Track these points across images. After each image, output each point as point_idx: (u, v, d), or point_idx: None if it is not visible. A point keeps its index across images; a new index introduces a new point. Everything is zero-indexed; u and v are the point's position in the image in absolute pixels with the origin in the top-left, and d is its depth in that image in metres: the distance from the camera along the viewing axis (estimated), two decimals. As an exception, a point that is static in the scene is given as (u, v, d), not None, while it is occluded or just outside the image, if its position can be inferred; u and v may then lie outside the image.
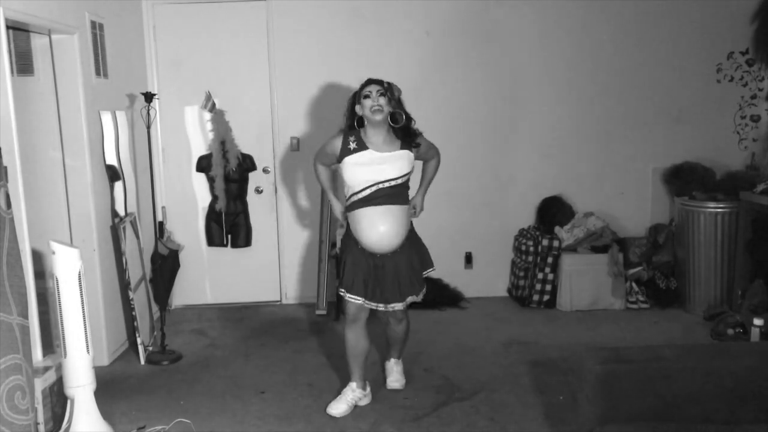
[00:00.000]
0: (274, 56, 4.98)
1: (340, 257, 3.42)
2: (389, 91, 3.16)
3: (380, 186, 3.15)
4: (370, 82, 3.19)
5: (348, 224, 3.30)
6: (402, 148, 3.21)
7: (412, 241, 3.32)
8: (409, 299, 3.29)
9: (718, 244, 4.64)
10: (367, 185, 3.15)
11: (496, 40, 5.03)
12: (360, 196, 3.18)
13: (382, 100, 3.13)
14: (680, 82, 5.10)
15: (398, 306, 3.26)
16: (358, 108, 3.20)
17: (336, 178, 3.55)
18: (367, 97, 3.14)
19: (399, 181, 3.19)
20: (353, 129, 3.25)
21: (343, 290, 3.24)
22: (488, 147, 5.16)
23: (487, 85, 5.08)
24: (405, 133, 3.23)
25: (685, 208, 4.78)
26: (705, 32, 5.03)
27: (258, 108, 5.05)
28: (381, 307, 3.24)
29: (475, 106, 5.11)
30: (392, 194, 3.17)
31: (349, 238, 3.29)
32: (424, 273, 3.38)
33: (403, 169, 3.19)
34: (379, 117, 3.12)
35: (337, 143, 3.23)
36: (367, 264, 3.22)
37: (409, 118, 3.24)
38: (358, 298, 3.21)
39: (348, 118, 3.27)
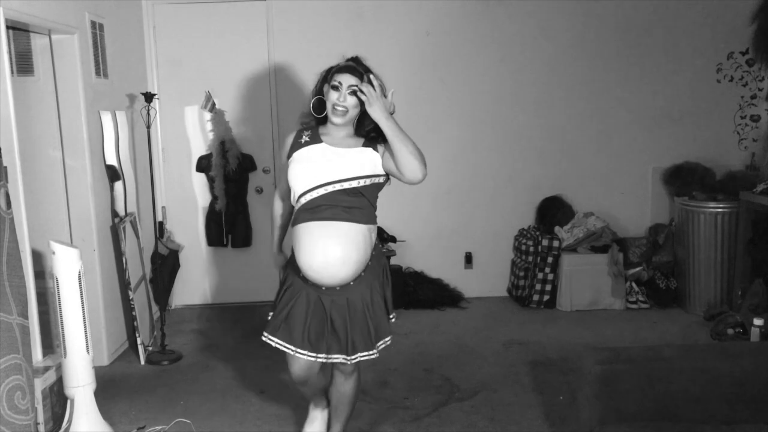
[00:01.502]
0: (274, 56, 4.98)
1: (279, 288, 2.60)
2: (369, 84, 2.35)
3: (330, 189, 2.35)
4: (345, 69, 2.40)
5: (293, 255, 2.50)
6: (366, 145, 2.44)
7: (374, 272, 2.49)
8: (361, 357, 2.44)
9: (718, 244, 4.64)
10: (313, 186, 2.36)
11: (497, 39, 5.03)
12: (304, 201, 2.39)
13: (351, 101, 2.36)
14: (680, 82, 5.10)
15: (342, 359, 2.46)
16: (326, 90, 2.44)
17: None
18: (335, 88, 2.38)
19: (356, 184, 2.36)
20: (311, 118, 2.53)
21: (266, 334, 2.48)
22: (488, 147, 5.16)
23: (487, 85, 5.08)
24: (374, 133, 2.42)
25: (685, 208, 4.78)
26: (705, 32, 5.04)
27: (258, 108, 5.05)
28: (321, 358, 2.45)
29: (475, 106, 5.11)
30: (347, 205, 2.35)
31: (291, 265, 2.53)
32: (390, 317, 2.59)
33: (363, 168, 2.38)
34: (339, 120, 2.39)
35: (289, 140, 2.53)
36: (306, 299, 2.44)
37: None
38: (287, 345, 2.45)
39: (308, 105, 2.51)
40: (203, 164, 5.02)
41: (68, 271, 2.92)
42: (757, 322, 3.88)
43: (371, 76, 2.38)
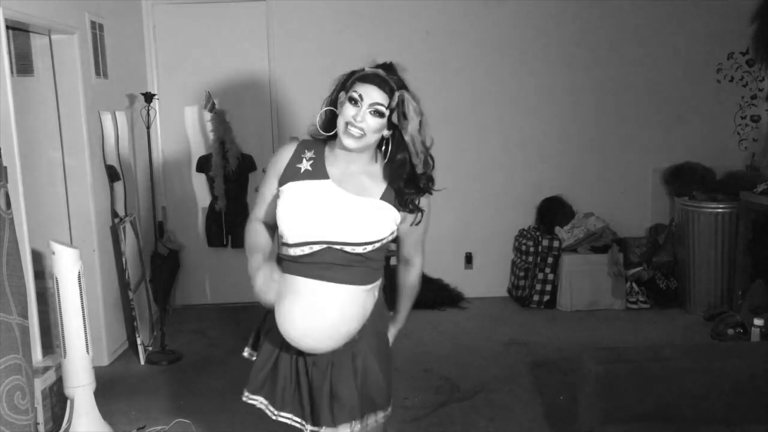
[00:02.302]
0: (274, 56, 4.98)
1: (260, 324, 2.12)
2: (398, 109, 1.79)
3: (329, 247, 1.80)
4: (372, 78, 1.81)
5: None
6: (386, 198, 1.83)
7: (373, 327, 1.94)
8: (345, 430, 1.86)
9: (718, 244, 4.63)
10: (306, 241, 1.80)
11: (497, 39, 5.03)
12: (291, 252, 1.83)
13: (373, 123, 1.77)
14: (680, 82, 5.10)
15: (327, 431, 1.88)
16: (339, 101, 1.84)
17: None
18: (353, 101, 1.77)
19: (361, 249, 1.79)
20: (319, 135, 1.90)
21: (246, 393, 2.04)
22: (488, 147, 5.16)
23: (487, 85, 5.08)
24: (407, 179, 1.83)
25: (685, 208, 4.78)
26: (705, 32, 5.03)
27: (258, 108, 5.05)
28: (309, 427, 1.92)
29: (475, 106, 5.11)
30: (348, 265, 1.81)
31: (270, 317, 1.96)
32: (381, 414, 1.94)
33: (376, 232, 1.80)
34: (351, 143, 1.78)
35: (284, 157, 1.91)
36: (288, 356, 1.94)
37: (427, 174, 1.86)
38: (270, 408, 1.98)
39: (321, 115, 1.89)
40: (203, 164, 5.01)
41: (68, 271, 2.92)
42: (758, 322, 3.88)
43: (405, 96, 1.80)
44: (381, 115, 1.78)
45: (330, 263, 1.80)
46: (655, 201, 5.20)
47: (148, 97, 4.22)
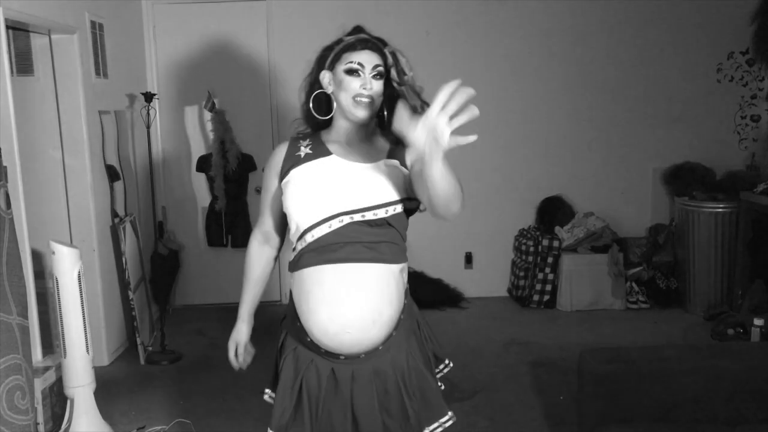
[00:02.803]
0: (274, 56, 4.98)
1: (276, 359, 1.93)
2: (395, 66, 1.73)
3: (348, 221, 1.67)
4: (362, 44, 1.74)
5: (290, 297, 1.85)
6: (392, 155, 1.75)
7: (408, 327, 1.82)
8: None
9: (718, 244, 4.63)
10: (325, 217, 1.68)
11: (496, 39, 5.03)
12: (311, 240, 1.70)
13: (378, 86, 1.71)
14: (680, 82, 5.10)
15: None
16: (326, 80, 1.77)
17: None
18: (353, 73, 1.71)
19: (383, 213, 1.68)
20: (314, 124, 1.83)
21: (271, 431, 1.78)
22: (488, 147, 5.15)
23: (487, 85, 5.08)
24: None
25: (685, 208, 4.78)
26: (705, 32, 5.03)
27: (258, 108, 5.05)
28: None
29: (475, 106, 5.09)
30: (371, 240, 1.68)
31: (291, 323, 1.84)
32: (439, 374, 1.92)
33: (393, 190, 1.69)
34: (363, 114, 1.72)
35: (279, 154, 1.84)
36: (317, 376, 1.74)
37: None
38: None
39: (306, 103, 1.81)
40: (203, 164, 5.01)
41: (68, 271, 2.92)
42: (758, 322, 3.88)
43: (395, 51, 1.75)
44: (382, 76, 1.73)
45: (355, 242, 1.66)
46: (655, 201, 5.20)
47: (148, 97, 4.22)
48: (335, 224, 1.67)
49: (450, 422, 1.82)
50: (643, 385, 2.30)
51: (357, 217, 1.67)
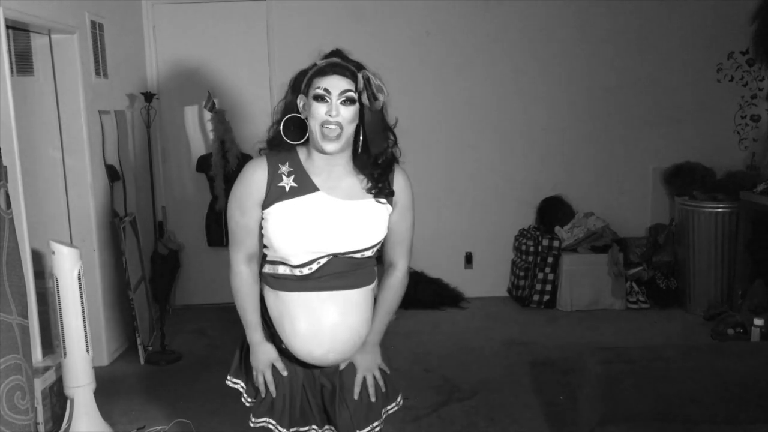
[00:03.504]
0: (274, 56, 4.98)
1: (244, 350, 2.04)
2: (367, 90, 1.67)
3: (335, 257, 1.76)
4: (332, 69, 1.71)
5: (266, 315, 1.89)
6: (373, 193, 1.78)
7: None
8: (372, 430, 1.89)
9: (718, 244, 4.63)
10: (313, 258, 1.75)
11: (496, 39, 5.03)
12: (297, 273, 1.77)
13: (347, 113, 1.67)
14: (680, 82, 5.10)
15: None
16: (302, 104, 1.74)
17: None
18: (321, 99, 1.68)
19: (369, 253, 1.80)
20: (280, 147, 1.77)
21: (254, 419, 1.92)
22: (488, 147, 5.16)
23: (488, 85, 5.08)
24: (382, 168, 1.77)
25: (685, 208, 4.78)
26: (705, 32, 5.03)
27: (258, 108, 5.05)
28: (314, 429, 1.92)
29: (475, 106, 5.11)
30: (352, 270, 1.79)
31: (265, 328, 1.91)
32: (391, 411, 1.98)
33: (378, 234, 1.79)
34: (332, 147, 1.69)
35: (259, 179, 1.75)
36: (294, 377, 1.89)
37: (388, 148, 1.78)
38: (280, 427, 1.88)
39: (276, 124, 1.77)
40: (203, 164, 5.01)
41: (68, 271, 2.92)
42: (758, 322, 3.88)
43: (368, 74, 1.69)
44: (353, 102, 1.68)
45: (340, 272, 1.77)
46: (655, 201, 5.20)
47: (148, 97, 4.22)
48: (322, 261, 1.76)
49: (401, 403, 2.00)
50: (643, 385, 2.30)
51: (347, 257, 1.77)
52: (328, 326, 1.77)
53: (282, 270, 1.79)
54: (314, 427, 1.90)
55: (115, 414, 3.36)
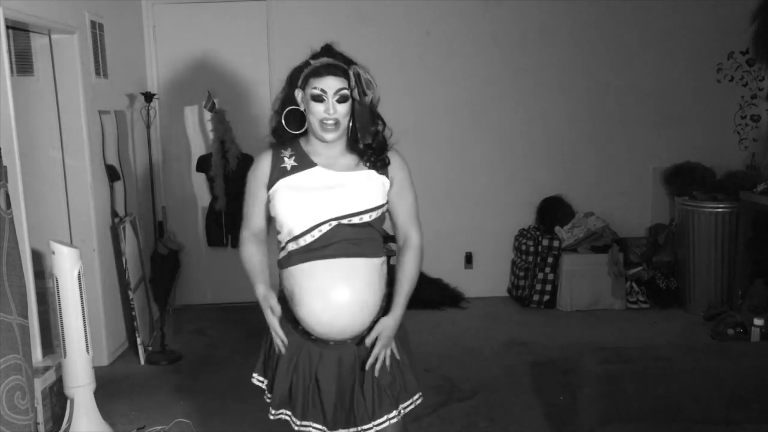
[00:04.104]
0: (274, 56, 4.98)
1: (267, 348, 2.08)
2: (358, 87, 1.88)
3: (338, 224, 1.90)
4: (326, 69, 1.88)
5: (280, 292, 2.03)
6: (368, 166, 1.96)
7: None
8: (382, 423, 1.94)
9: (718, 244, 4.63)
10: (316, 224, 1.89)
11: (496, 39, 5.03)
12: (303, 243, 1.91)
13: (342, 109, 1.87)
14: (680, 82, 5.10)
15: (366, 427, 1.94)
16: (299, 98, 1.92)
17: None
18: (318, 99, 1.86)
19: (368, 217, 1.92)
20: (283, 137, 1.98)
21: (273, 411, 2.00)
22: (488, 147, 5.16)
23: (487, 85, 5.08)
24: (375, 150, 1.95)
25: (685, 208, 4.78)
26: (705, 32, 5.03)
27: (258, 108, 5.05)
28: None
29: (475, 106, 5.11)
30: (357, 240, 1.91)
31: (283, 315, 1.98)
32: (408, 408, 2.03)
33: (375, 198, 1.93)
34: (331, 137, 1.89)
35: (264, 164, 1.98)
36: (309, 360, 1.95)
37: (375, 131, 1.95)
38: (295, 419, 1.96)
39: (276, 115, 1.97)
40: (203, 164, 5.01)
41: (68, 271, 2.92)
42: (758, 322, 3.88)
43: (358, 71, 1.88)
44: (347, 98, 1.88)
45: (341, 240, 1.89)
46: (655, 201, 5.20)
47: (148, 97, 4.22)
48: (324, 228, 1.90)
49: (420, 400, 2.05)
50: (643, 385, 2.30)
51: (344, 221, 1.90)
52: (331, 287, 1.87)
53: (291, 247, 1.94)
54: (324, 428, 1.95)
55: (115, 414, 3.35)
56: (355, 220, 1.90)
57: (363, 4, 4.95)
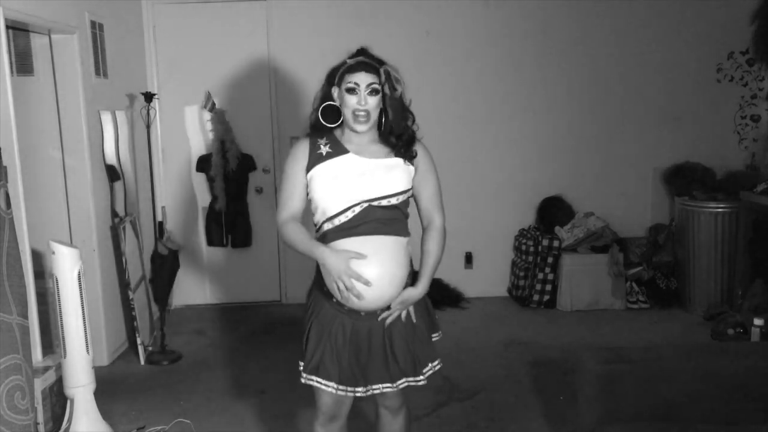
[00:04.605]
0: (274, 56, 4.98)
1: (303, 321, 2.25)
2: (388, 82, 2.12)
3: (369, 205, 2.11)
4: (359, 66, 2.12)
5: (317, 270, 2.18)
6: (397, 154, 2.18)
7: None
8: (403, 383, 2.18)
9: (718, 244, 4.63)
10: (350, 205, 2.10)
11: (496, 40, 5.03)
12: (337, 222, 2.11)
13: (372, 101, 2.09)
14: (680, 82, 5.10)
15: (387, 388, 2.17)
16: (336, 94, 2.16)
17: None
18: (352, 92, 2.09)
19: (395, 200, 2.13)
20: (321, 130, 2.19)
21: (306, 375, 2.18)
22: (488, 147, 5.16)
23: (487, 85, 5.08)
24: (405, 141, 2.20)
25: (685, 208, 4.78)
26: (705, 32, 5.03)
27: (258, 108, 5.05)
28: (360, 391, 2.17)
29: (475, 106, 5.11)
30: (386, 220, 2.12)
31: (318, 290, 2.20)
32: (433, 337, 2.31)
33: (401, 184, 2.15)
34: (363, 128, 2.11)
35: (302, 150, 2.17)
36: (342, 330, 2.15)
37: (407, 124, 2.21)
38: (330, 383, 2.15)
39: (315, 111, 2.19)
40: (203, 164, 5.01)
41: (68, 271, 2.92)
42: (758, 322, 3.88)
43: (389, 69, 2.13)
44: (377, 92, 2.10)
45: (371, 220, 2.10)
46: (655, 201, 5.20)
47: (148, 97, 4.23)
48: (357, 209, 2.11)
49: (439, 366, 2.26)
50: (643, 385, 2.30)
51: (374, 203, 2.11)
52: (365, 262, 2.03)
53: (326, 227, 2.13)
54: (359, 389, 2.16)
55: (115, 414, 3.36)
56: (384, 202, 2.11)
57: (363, 4, 4.95)
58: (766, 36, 4.74)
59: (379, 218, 2.11)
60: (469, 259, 5.28)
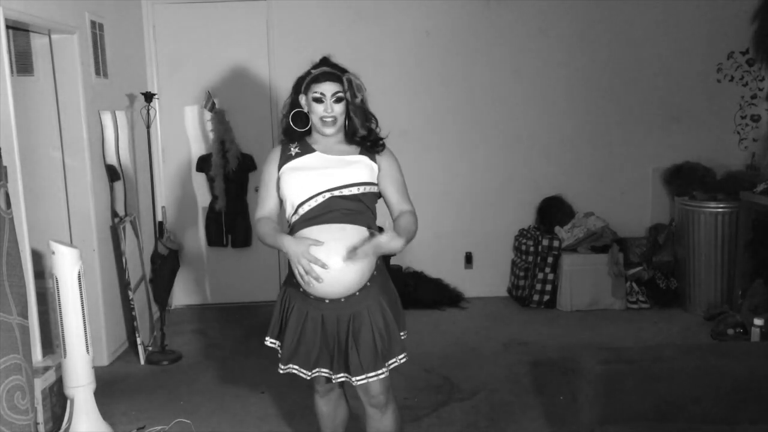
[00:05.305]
0: (274, 56, 4.98)
1: (273, 313, 2.42)
2: (350, 90, 2.27)
3: (332, 195, 2.24)
4: (324, 76, 2.27)
5: (288, 266, 2.30)
6: (362, 153, 2.33)
7: (381, 284, 2.33)
8: (372, 377, 2.25)
9: (718, 244, 4.63)
10: (313, 194, 2.25)
11: (496, 40, 5.03)
12: (302, 212, 2.27)
13: (338, 108, 2.26)
14: (680, 82, 5.09)
15: (343, 378, 2.30)
16: (303, 101, 2.32)
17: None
18: (318, 101, 2.25)
19: (355, 190, 2.26)
20: (292, 135, 2.37)
21: (282, 366, 2.34)
22: (488, 147, 5.16)
23: (487, 85, 5.08)
24: (370, 142, 2.35)
25: (685, 208, 4.78)
26: (705, 32, 5.03)
27: (258, 108, 5.05)
28: (341, 377, 2.30)
29: (475, 106, 5.10)
30: (349, 212, 2.24)
31: (290, 281, 2.34)
32: (401, 334, 2.36)
33: (363, 176, 2.28)
34: (330, 131, 2.28)
35: (275, 154, 2.37)
36: (312, 320, 2.28)
37: (370, 126, 2.34)
38: (303, 370, 2.31)
39: (285, 117, 2.37)
40: (203, 164, 5.01)
41: (68, 271, 2.92)
42: (758, 322, 3.88)
43: (350, 77, 2.28)
44: (342, 99, 2.28)
45: (334, 210, 2.24)
46: (655, 201, 5.20)
47: (148, 97, 4.22)
48: (320, 199, 2.25)
49: (404, 359, 2.33)
50: (643, 385, 2.30)
51: (336, 193, 2.25)
52: (324, 245, 2.12)
53: (294, 219, 2.29)
54: (330, 372, 2.30)
55: (115, 414, 3.36)
56: (345, 192, 2.25)
57: (363, 4, 4.95)
58: (766, 36, 4.74)
59: (342, 209, 2.25)
60: (469, 259, 5.28)
